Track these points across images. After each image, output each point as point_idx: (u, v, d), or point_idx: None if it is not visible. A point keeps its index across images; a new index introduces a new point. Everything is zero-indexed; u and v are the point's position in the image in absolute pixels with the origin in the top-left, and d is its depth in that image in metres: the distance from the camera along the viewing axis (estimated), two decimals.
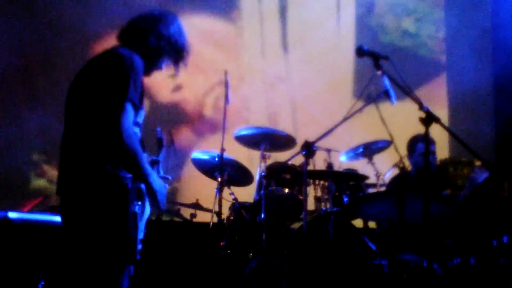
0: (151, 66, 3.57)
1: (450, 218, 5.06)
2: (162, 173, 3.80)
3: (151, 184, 3.33)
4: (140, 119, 3.44)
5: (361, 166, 6.14)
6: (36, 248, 5.02)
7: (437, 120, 3.51)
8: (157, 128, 4.02)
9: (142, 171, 3.27)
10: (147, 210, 3.57)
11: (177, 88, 7.98)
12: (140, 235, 3.39)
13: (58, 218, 5.00)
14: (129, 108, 3.20)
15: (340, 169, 6.01)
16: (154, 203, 3.46)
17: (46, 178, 7.57)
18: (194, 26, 7.96)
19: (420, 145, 5.71)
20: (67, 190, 3.30)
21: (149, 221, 3.65)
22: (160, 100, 8.07)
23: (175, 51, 3.58)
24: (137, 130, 3.40)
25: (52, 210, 5.51)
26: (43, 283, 4.87)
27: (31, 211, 5.94)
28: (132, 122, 3.24)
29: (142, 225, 3.43)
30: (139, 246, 3.35)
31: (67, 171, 3.30)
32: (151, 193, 3.37)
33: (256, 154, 6.17)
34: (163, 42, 3.53)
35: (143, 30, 3.54)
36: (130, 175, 3.23)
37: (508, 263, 4.76)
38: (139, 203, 3.32)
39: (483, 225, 5.27)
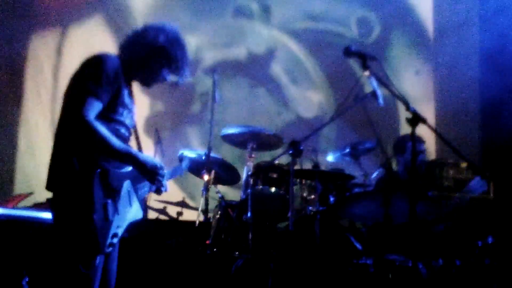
0: (148, 76, 3.70)
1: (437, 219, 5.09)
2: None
3: (133, 156, 3.42)
4: (124, 118, 3.53)
5: (348, 166, 6.16)
6: (21, 245, 4.99)
7: (423, 120, 3.52)
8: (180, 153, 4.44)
9: (117, 149, 3.34)
10: (133, 209, 3.58)
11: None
12: (117, 230, 3.41)
13: (42, 215, 5.02)
14: (91, 101, 3.26)
15: (327, 169, 6.03)
16: (147, 176, 3.53)
17: (32, 175, 7.54)
18: (183, 24, 7.96)
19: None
20: (47, 185, 3.38)
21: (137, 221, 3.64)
22: (147, 98, 8.05)
23: (169, 61, 3.65)
24: (122, 128, 3.51)
25: (37, 207, 5.48)
26: (27, 280, 4.85)
27: (16, 207, 5.90)
28: (96, 114, 3.28)
29: (121, 221, 3.44)
30: (112, 240, 3.36)
31: (49, 166, 3.39)
32: (139, 164, 3.45)
33: (243, 153, 6.17)
34: (154, 52, 3.60)
35: (136, 42, 3.63)
36: (98, 170, 3.24)
37: (493, 264, 4.79)
38: (111, 199, 3.34)
39: (469, 226, 5.30)
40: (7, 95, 7.73)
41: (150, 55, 3.60)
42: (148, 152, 6.61)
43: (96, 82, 3.30)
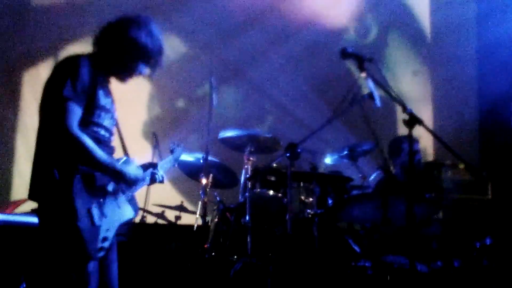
0: (124, 71, 3.63)
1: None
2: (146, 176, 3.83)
3: (117, 170, 3.43)
4: (102, 120, 3.49)
5: (346, 168, 6.15)
6: (18, 250, 4.98)
7: (420, 122, 3.52)
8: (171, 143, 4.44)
9: (102, 162, 3.35)
10: (122, 209, 3.59)
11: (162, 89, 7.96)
12: (107, 233, 3.42)
13: None
14: (71, 108, 3.25)
15: (325, 171, 6.02)
16: (126, 184, 3.55)
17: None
18: (180, 28, 7.95)
19: (406, 144, 5.73)
20: (30, 195, 3.39)
21: (133, 223, 3.65)
22: (144, 102, 8.04)
23: (144, 55, 3.60)
24: (101, 130, 3.49)
25: (35, 212, 5.46)
26: (24, 286, 4.83)
27: (13, 213, 5.88)
28: (78, 121, 3.28)
29: (109, 223, 3.45)
30: (102, 244, 3.38)
31: (31, 176, 3.39)
32: (122, 178, 3.47)
33: (241, 156, 6.15)
34: (129, 46, 3.55)
35: (110, 36, 3.58)
36: (76, 176, 3.24)
37: (491, 265, 4.79)
38: (95, 202, 3.35)
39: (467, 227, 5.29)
40: (4, 99, 7.71)
41: (125, 50, 3.55)
42: (145, 155, 6.64)
43: (72, 87, 3.27)
